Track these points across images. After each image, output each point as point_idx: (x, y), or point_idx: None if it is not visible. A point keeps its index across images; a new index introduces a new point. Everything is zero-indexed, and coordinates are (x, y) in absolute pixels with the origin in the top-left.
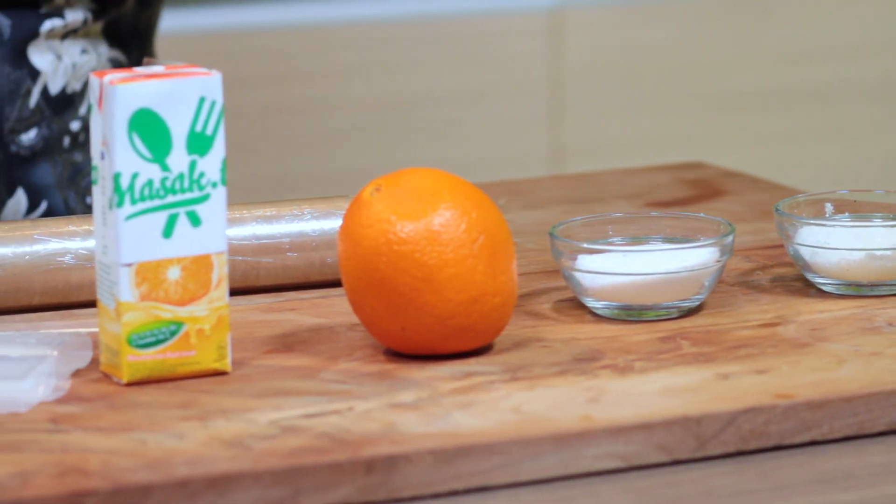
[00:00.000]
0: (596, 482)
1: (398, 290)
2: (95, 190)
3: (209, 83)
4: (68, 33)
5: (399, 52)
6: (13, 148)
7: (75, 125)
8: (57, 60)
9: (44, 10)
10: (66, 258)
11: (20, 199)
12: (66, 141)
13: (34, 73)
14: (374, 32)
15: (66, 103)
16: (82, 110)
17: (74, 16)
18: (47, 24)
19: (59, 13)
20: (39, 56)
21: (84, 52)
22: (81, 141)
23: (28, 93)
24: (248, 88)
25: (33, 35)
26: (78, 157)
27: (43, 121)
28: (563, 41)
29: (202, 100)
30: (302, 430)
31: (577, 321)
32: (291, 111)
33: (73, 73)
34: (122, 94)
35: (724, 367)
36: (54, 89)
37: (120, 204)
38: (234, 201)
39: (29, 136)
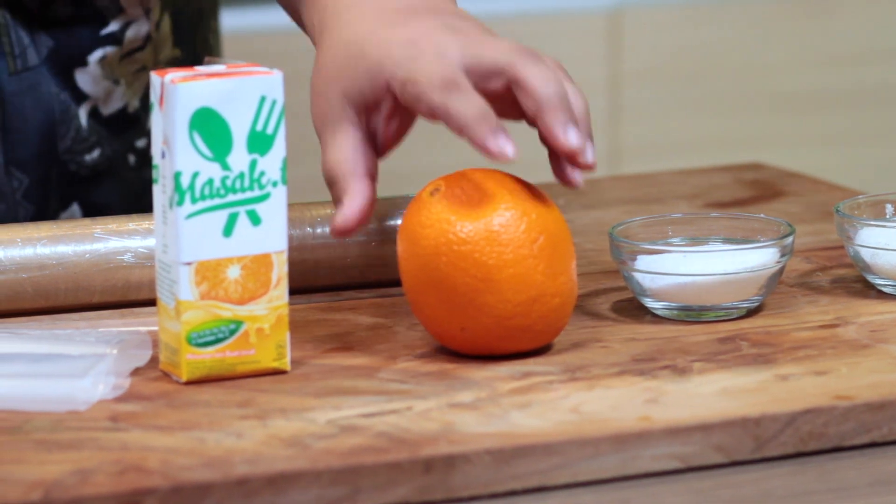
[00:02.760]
0: (654, 483)
1: (457, 290)
2: (156, 188)
3: (270, 82)
4: (126, 55)
5: None
6: (72, 166)
7: (141, 143)
8: (113, 85)
9: (108, 29)
10: (126, 256)
11: (74, 212)
12: (132, 159)
13: (80, 97)
14: None
15: (129, 123)
16: (148, 125)
17: (138, 30)
18: (98, 53)
19: (117, 39)
20: (91, 82)
21: (143, 68)
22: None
23: (76, 115)
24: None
25: (80, 62)
26: (147, 174)
27: (102, 141)
28: (621, 42)
29: (263, 99)
30: (361, 430)
31: (636, 322)
32: None
33: (132, 92)
34: (183, 93)
35: (783, 369)
36: (108, 111)
37: (180, 203)
38: (293, 200)
39: (92, 157)
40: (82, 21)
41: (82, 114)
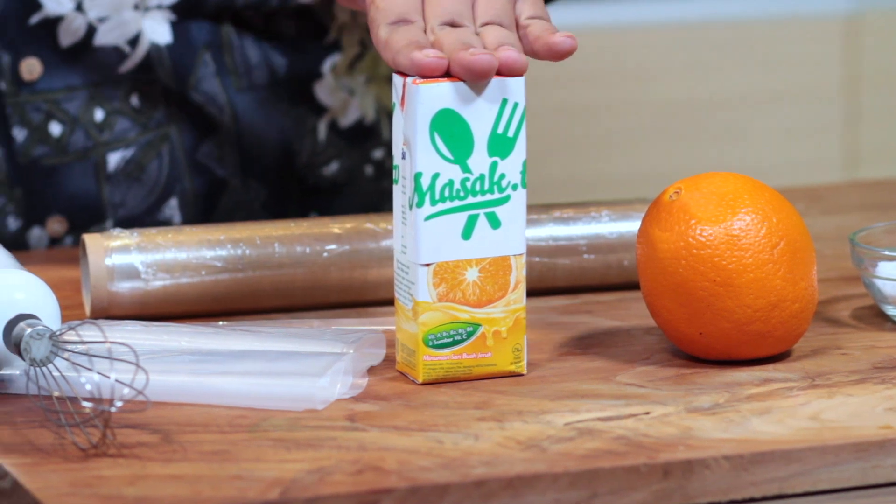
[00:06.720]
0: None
1: (696, 295)
2: (396, 189)
3: (512, 85)
4: (354, 62)
5: (696, 56)
6: (311, 180)
7: (378, 154)
8: (348, 96)
9: (328, 39)
10: (363, 256)
11: None
12: (369, 170)
13: (319, 109)
14: (671, 35)
15: (366, 134)
16: (385, 135)
17: (351, 36)
18: (328, 63)
19: (339, 46)
20: (328, 94)
21: (370, 78)
22: (388, 167)
23: (314, 129)
24: (548, 89)
25: (316, 75)
26: (385, 184)
27: (341, 153)
28: (859, 46)
29: (504, 101)
30: (598, 433)
31: (877, 329)
32: (588, 112)
33: (366, 103)
34: (424, 94)
35: None
36: (345, 122)
37: (420, 204)
38: (529, 201)
39: (330, 169)
40: (306, 33)
41: (321, 127)
